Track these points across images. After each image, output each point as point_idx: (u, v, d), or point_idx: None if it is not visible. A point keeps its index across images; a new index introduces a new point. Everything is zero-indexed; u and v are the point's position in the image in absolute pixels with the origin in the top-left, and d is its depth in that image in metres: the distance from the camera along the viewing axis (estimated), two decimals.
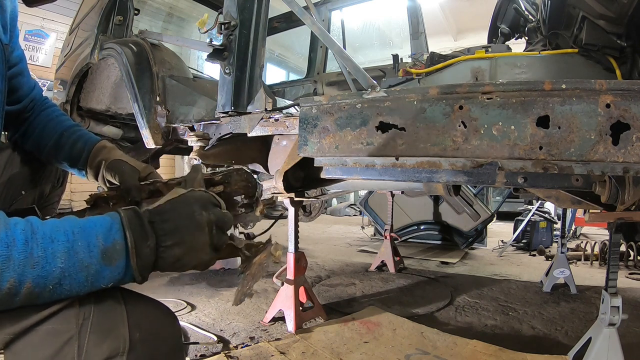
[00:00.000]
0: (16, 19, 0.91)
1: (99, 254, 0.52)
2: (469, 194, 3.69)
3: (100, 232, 0.53)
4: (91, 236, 0.52)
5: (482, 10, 3.71)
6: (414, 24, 2.25)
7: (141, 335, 0.55)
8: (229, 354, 1.58)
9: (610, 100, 0.93)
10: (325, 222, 6.43)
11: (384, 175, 1.38)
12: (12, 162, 0.98)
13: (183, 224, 0.58)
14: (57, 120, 1.03)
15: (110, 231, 0.54)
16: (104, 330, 0.53)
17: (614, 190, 1.15)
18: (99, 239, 0.53)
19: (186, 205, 0.59)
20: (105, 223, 0.55)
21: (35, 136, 1.00)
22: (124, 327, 0.54)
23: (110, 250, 0.53)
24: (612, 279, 1.42)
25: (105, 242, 0.53)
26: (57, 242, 0.50)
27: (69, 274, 0.50)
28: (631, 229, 2.37)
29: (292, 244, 1.94)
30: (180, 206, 0.59)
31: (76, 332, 0.52)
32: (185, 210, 0.59)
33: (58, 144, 0.99)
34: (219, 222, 0.60)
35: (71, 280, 0.50)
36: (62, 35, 4.63)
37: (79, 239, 0.51)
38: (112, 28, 2.29)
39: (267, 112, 1.66)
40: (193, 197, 0.61)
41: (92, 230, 0.53)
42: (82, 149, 0.98)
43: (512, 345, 1.70)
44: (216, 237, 0.60)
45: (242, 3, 1.66)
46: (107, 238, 0.53)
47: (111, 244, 0.53)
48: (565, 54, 1.53)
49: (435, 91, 1.13)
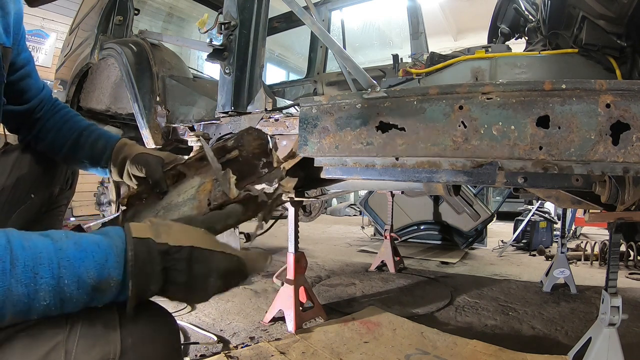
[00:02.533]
0: (21, 21, 0.91)
1: (90, 290, 0.48)
2: (469, 194, 3.69)
3: (92, 268, 0.48)
4: (81, 271, 0.47)
5: (482, 10, 3.71)
6: (414, 24, 2.25)
7: (134, 339, 0.52)
8: (229, 354, 1.58)
9: (610, 100, 0.93)
10: (325, 222, 6.42)
11: (384, 175, 1.38)
12: (21, 164, 0.97)
13: (193, 285, 0.54)
14: (73, 121, 1.03)
15: (105, 264, 0.49)
16: (94, 335, 0.50)
17: (614, 190, 1.15)
18: (89, 275, 0.47)
19: (205, 266, 0.54)
20: (100, 254, 0.49)
21: (50, 137, 1.00)
22: (115, 331, 0.51)
23: (104, 285, 0.48)
24: (612, 279, 1.42)
25: (99, 277, 0.48)
26: (40, 279, 0.45)
27: (55, 308, 0.46)
28: (631, 229, 2.36)
29: (292, 244, 1.94)
30: (199, 263, 0.54)
31: (64, 337, 0.49)
32: (201, 272, 0.54)
33: (77, 143, 0.99)
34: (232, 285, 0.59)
35: (57, 310, 0.47)
36: (62, 35, 4.63)
37: (66, 276, 0.46)
38: (112, 28, 2.29)
39: (267, 112, 1.66)
40: (219, 261, 0.56)
41: (82, 264, 0.47)
42: (103, 147, 0.97)
43: (512, 345, 1.70)
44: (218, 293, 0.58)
45: (242, 3, 1.66)
46: (101, 273, 0.48)
47: (105, 279, 0.48)
48: (565, 54, 1.53)
49: (435, 91, 1.13)
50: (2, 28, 0.81)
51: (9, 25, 0.84)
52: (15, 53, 0.90)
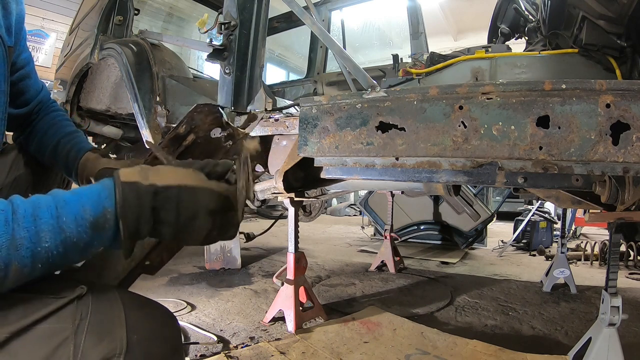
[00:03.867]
0: (23, 21, 0.91)
1: (88, 227, 0.50)
2: (469, 194, 3.69)
3: (88, 203, 0.50)
4: (77, 209, 0.50)
5: (482, 10, 3.71)
6: (414, 24, 2.25)
7: (139, 337, 0.54)
8: (229, 354, 1.58)
9: (610, 100, 0.93)
10: (325, 222, 6.43)
11: (384, 175, 1.38)
12: (18, 164, 0.98)
13: (183, 222, 0.55)
14: (58, 126, 1.02)
15: (99, 199, 0.51)
16: (101, 331, 0.52)
17: (614, 190, 1.15)
18: (86, 211, 0.50)
19: (193, 203, 0.55)
20: (93, 192, 0.52)
21: (37, 140, 1.00)
22: (121, 328, 0.53)
23: (101, 220, 0.50)
24: (612, 279, 1.42)
25: (95, 212, 0.50)
26: (40, 220, 0.47)
27: (57, 252, 0.48)
28: (631, 229, 2.37)
29: (292, 244, 1.94)
30: (187, 200, 0.55)
31: (72, 332, 0.51)
32: (190, 209, 0.55)
33: (55, 151, 0.98)
34: (222, 227, 0.58)
35: (59, 256, 0.49)
36: (62, 35, 4.63)
37: (63, 214, 0.49)
38: (112, 28, 2.29)
39: (267, 112, 1.66)
40: (206, 197, 0.56)
41: (78, 202, 0.50)
42: (74, 159, 0.97)
43: (512, 345, 1.70)
44: (209, 238, 0.58)
45: (242, 3, 1.66)
46: (97, 207, 0.50)
47: (101, 213, 0.51)
48: (565, 54, 1.53)
49: (435, 91, 1.13)
50: (4, 27, 0.81)
51: (11, 25, 0.85)
52: (16, 53, 0.91)
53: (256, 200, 2.48)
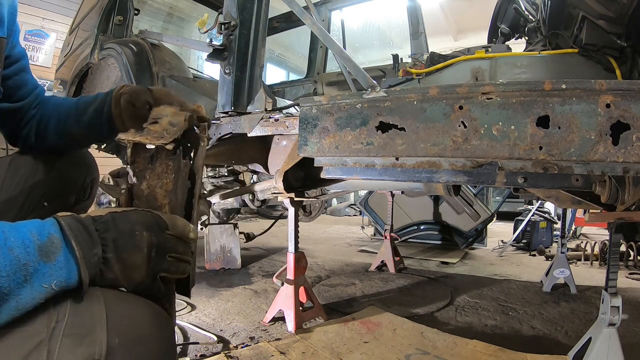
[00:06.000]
0: (15, 13, 0.90)
1: (36, 249, 0.48)
2: (469, 194, 3.69)
3: (34, 228, 0.50)
4: (24, 232, 0.48)
5: (482, 10, 3.71)
6: (414, 24, 2.25)
7: (121, 340, 0.49)
8: (229, 354, 1.58)
9: (610, 100, 0.93)
10: (325, 222, 6.43)
11: (384, 175, 1.38)
12: (37, 171, 0.96)
13: (122, 240, 0.55)
14: (67, 99, 1.02)
15: (43, 227, 0.51)
16: (79, 335, 0.48)
17: (614, 190, 1.15)
18: (32, 234, 0.49)
19: (127, 222, 0.57)
20: (36, 222, 0.51)
21: (53, 120, 0.98)
22: (102, 330, 0.49)
23: (47, 245, 0.49)
24: (612, 279, 1.42)
25: (40, 237, 0.49)
26: None
27: (7, 274, 0.45)
28: (631, 229, 2.37)
29: (292, 244, 1.94)
30: (121, 222, 0.57)
31: (47, 335, 0.47)
32: (127, 227, 0.57)
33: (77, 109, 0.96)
34: (160, 246, 0.58)
35: (9, 281, 0.45)
36: (62, 35, 4.63)
37: (11, 235, 0.47)
38: (112, 28, 2.29)
39: (267, 112, 1.66)
40: (137, 215, 0.59)
41: (24, 227, 0.49)
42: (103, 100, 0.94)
43: (512, 345, 1.70)
44: (154, 260, 0.57)
45: (242, 3, 1.66)
46: (41, 233, 0.50)
47: (47, 239, 0.49)
48: (565, 54, 1.53)
49: (435, 91, 1.13)
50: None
51: (3, 16, 0.83)
52: (10, 46, 0.89)
53: (256, 200, 2.48)
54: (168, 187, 0.73)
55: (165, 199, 0.72)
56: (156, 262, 0.58)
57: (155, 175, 0.74)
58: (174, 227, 0.61)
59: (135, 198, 0.74)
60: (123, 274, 0.55)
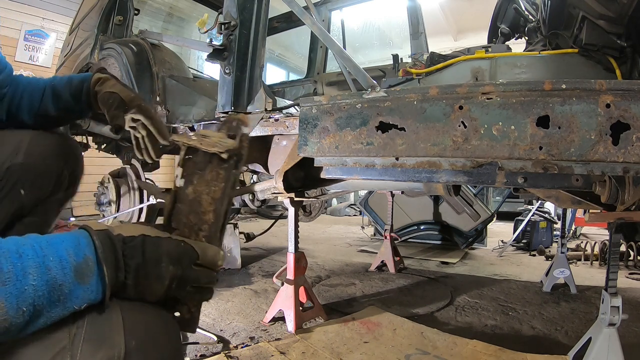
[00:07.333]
0: None
1: (72, 270, 0.49)
2: (469, 194, 3.69)
3: (70, 247, 0.50)
4: (61, 251, 0.49)
5: (482, 10, 3.71)
6: (414, 24, 2.25)
7: (137, 343, 0.53)
8: (229, 354, 1.58)
9: (610, 100, 0.93)
10: (325, 222, 6.42)
11: (384, 175, 1.38)
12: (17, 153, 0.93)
13: (146, 268, 0.56)
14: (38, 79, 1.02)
15: (79, 246, 0.51)
16: (98, 339, 0.51)
17: (614, 190, 1.15)
18: (69, 254, 0.49)
19: (156, 251, 0.57)
20: (72, 238, 0.52)
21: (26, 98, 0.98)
22: (119, 334, 0.52)
23: (83, 267, 0.50)
24: (612, 279, 1.42)
25: (77, 258, 0.50)
26: (26, 257, 0.46)
27: (42, 294, 0.46)
28: (631, 229, 2.37)
29: (292, 244, 1.94)
30: (150, 249, 0.57)
31: (69, 341, 0.50)
32: (154, 256, 0.57)
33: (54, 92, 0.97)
34: (183, 278, 0.59)
35: (44, 300, 0.46)
36: (62, 35, 4.63)
37: (49, 254, 0.48)
38: (112, 28, 2.29)
39: (267, 112, 1.66)
40: (169, 245, 0.59)
41: (61, 244, 0.50)
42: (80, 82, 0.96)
43: (512, 345, 1.70)
44: (174, 290, 0.59)
45: (242, 3, 1.66)
46: (78, 253, 0.50)
47: (82, 260, 0.50)
48: (565, 54, 1.53)
49: (435, 91, 1.13)
50: None
51: None
52: None
53: (256, 200, 2.48)
54: (216, 194, 0.72)
55: (211, 206, 0.71)
56: (174, 291, 0.59)
57: (204, 181, 0.73)
58: (204, 256, 0.61)
59: (178, 201, 0.73)
60: (137, 296, 0.56)
